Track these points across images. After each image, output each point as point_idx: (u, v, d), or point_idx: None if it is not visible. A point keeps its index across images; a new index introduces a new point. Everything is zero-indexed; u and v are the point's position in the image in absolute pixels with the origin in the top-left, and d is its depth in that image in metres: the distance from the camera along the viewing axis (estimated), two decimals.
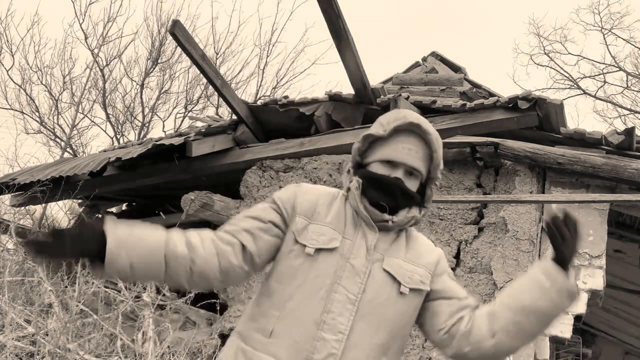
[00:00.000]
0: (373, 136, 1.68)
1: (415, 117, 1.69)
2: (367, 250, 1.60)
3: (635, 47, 14.53)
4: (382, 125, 1.69)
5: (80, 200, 7.10)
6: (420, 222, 1.74)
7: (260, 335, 1.56)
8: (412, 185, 1.67)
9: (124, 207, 7.67)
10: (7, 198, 6.77)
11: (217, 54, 13.95)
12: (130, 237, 1.52)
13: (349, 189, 1.68)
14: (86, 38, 13.39)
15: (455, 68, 6.98)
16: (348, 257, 1.59)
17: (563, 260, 1.55)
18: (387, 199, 1.63)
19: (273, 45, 14.32)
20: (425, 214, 1.73)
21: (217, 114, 13.47)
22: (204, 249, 1.59)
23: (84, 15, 13.59)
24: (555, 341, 4.07)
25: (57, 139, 13.64)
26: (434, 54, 7.36)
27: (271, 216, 1.66)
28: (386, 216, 1.63)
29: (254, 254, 1.63)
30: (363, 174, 1.67)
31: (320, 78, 26.20)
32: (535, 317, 1.56)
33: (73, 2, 13.24)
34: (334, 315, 1.54)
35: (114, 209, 7.67)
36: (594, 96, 14.89)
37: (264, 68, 14.22)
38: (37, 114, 13.54)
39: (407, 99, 4.61)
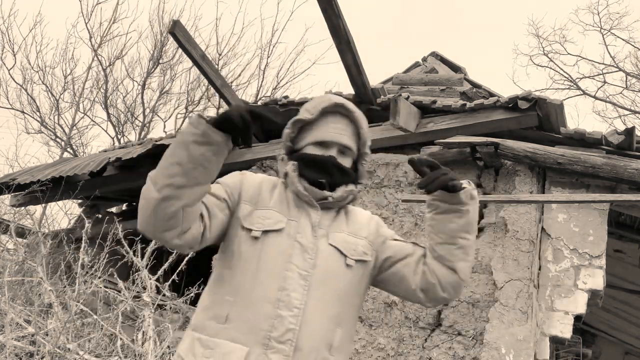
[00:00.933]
0: (302, 121, 1.75)
1: (338, 98, 1.77)
2: (312, 228, 1.67)
3: (635, 47, 14.54)
4: (308, 110, 1.75)
5: (80, 200, 7.10)
6: (357, 199, 1.83)
7: (214, 323, 1.57)
8: (346, 162, 1.75)
9: (124, 207, 7.67)
10: (7, 198, 6.77)
11: (220, 55, 13.96)
12: None
13: (286, 175, 1.73)
14: (90, 37, 13.41)
15: (455, 68, 6.98)
16: (295, 236, 1.64)
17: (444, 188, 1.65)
18: (324, 176, 1.70)
19: (274, 46, 14.33)
20: (360, 190, 1.81)
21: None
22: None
23: (90, 15, 13.62)
24: (555, 341, 4.07)
25: (58, 139, 13.65)
26: (434, 54, 7.36)
27: (225, 195, 1.69)
28: (326, 193, 1.69)
29: (207, 227, 1.62)
30: (298, 157, 1.74)
31: (320, 78, 26.22)
32: (463, 232, 1.68)
33: (80, 1, 13.27)
34: (288, 292, 1.57)
35: (114, 209, 7.67)
36: (594, 96, 14.89)
37: (264, 69, 14.23)
38: (37, 113, 13.56)
39: (407, 99, 4.61)
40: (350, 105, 1.76)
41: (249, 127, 1.52)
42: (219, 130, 1.51)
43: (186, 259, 4.56)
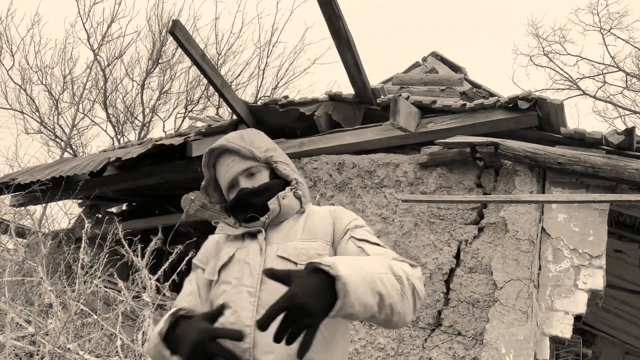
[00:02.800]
0: (206, 185, 1.85)
1: (210, 147, 1.81)
2: (260, 248, 1.68)
3: (635, 47, 14.54)
4: (204, 171, 1.85)
5: (80, 200, 7.10)
6: (306, 195, 1.81)
7: None
8: (261, 180, 1.76)
9: (124, 207, 7.67)
10: (7, 198, 6.77)
11: (219, 54, 13.96)
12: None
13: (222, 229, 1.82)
14: (89, 38, 13.41)
15: (455, 68, 6.98)
16: (245, 259, 1.67)
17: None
18: (247, 211, 1.73)
19: (273, 46, 14.34)
20: (298, 186, 1.78)
21: (217, 114, 13.47)
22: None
23: (87, 15, 13.62)
24: (555, 341, 4.07)
25: (57, 139, 13.66)
26: (434, 54, 7.36)
27: (194, 283, 1.79)
28: (261, 219, 1.71)
29: None
30: (227, 209, 1.81)
31: (320, 77, 26.22)
32: (371, 318, 1.49)
33: (77, 2, 13.28)
34: (238, 313, 1.59)
35: (114, 209, 7.67)
36: (594, 96, 14.90)
37: (264, 68, 14.23)
38: (37, 114, 13.57)
39: (407, 99, 4.61)
40: (216, 143, 1.80)
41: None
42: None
43: (186, 259, 4.56)
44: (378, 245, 1.64)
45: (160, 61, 13.94)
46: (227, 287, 1.65)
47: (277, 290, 1.50)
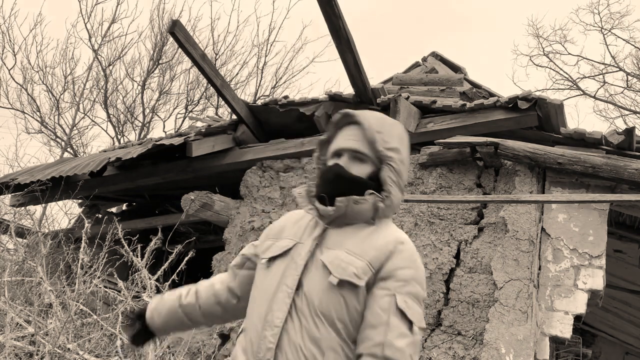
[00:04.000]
0: (324, 140, 1.80)
1: (349, 110, 1.75)
2: (310, 248, 1.64)
3: (635, 47, 14.53)
4: (327, 129, 1.80)
5: (80, 200, 7.10)
6: (386, 210, 1.66)
7: (241, 334, 1.70)
8: (360, 169, 1.66)
9: (124, 207, 7.67)
10: (7, 198, 6.77)
11: (217, 54, 13.96)
12: (158, 304, 1.94)
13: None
14: (90, 38, 13.41)
15: (455, 68, 6.98)
16: (296, 257, 1.63)
17: None
18: (325, 187, 1.66)
19: (271, 45, 14.33)
20: (387, 197, 1.65)
21: (217, 114, 13.47)
22: (206, 292, 1.91)
23: (89, 15, 13.62)
24: (555, 341, 4.06)
25: (58, 139, 13.66)
26: (434, 54, 7.35)
27: (247, 252, 1.87)
28: (328, 208, 1.63)
29: (234, 288, 1.87)
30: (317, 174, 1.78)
31: (320, 76, 26.24)
32: None
33: (79, 2, 13.27)
34: (273, 312, 1.58)
35: (113, 209, 7.67)
36: (594, 96, 14.89)
37: (262, 68, 14.23)
38: (38, 113, 13.56)
39: (407, 99, 4.61)
40: (359, 113, 1.72)
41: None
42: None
43: (186, 259, 4.56)
44: (403, 321, 1.51)
45: (160, 62, 13.94)
46: (273, 281, 1.63)
47: (310, 299, 1.55)
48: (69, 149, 13.48)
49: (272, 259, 1.67)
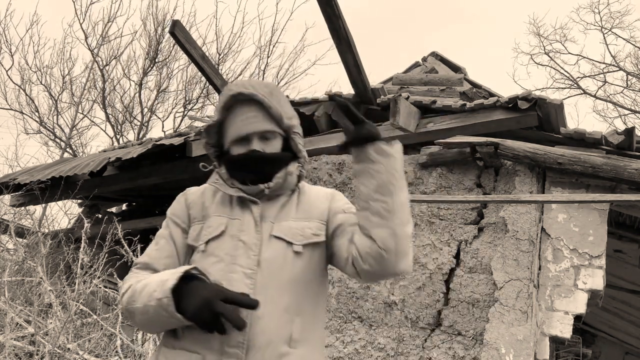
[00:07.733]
0: (213, 126, 1.70)
1: (236, 87, 1.65)
2: (255, 224, 1.61)
3: (636, 46, 14.54)
4: (215, 112, 1.70)
5: (80, 200, 7.10)
6: (304, 175, 1.75)
7: (172, 336, 1.58)
8: (273, 146, 1.66)
9: (124, 207, 7.67)
10: (7, 198, 6.77)
11: (220, 54, 13.95)
12: None
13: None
14: (86, 38, 13.40)
15: (455, 68, 6.98)
16: (239, 235, 1.60)
17: (358, 139, 1.53)
18: (251, 175, 1.64)
19: (274, 46, 14.34)
20: (304, 164, 1.72)
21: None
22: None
23: (85, 15, 13.62)
24: (555, 341, 4.07)
25: (57, 139, 13.66)
26: (434, 54, 7.36)
27: (171, 244, 1.68)
28: (260, 186, 1.63)
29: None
30: (225, 161, 1.69)
31: (321, 78, 26.22)
32: (377, 194, 1.53)
33: (74, 2, 13.27)
34: None
35: (113, 209, 7.67)
36: (594, 96, 14.90)
37: (264, 69, 14.23)
38: (36, 114, 13.56)
39: (407, 99, 4.61)
40: (250, 89, 1.63)
41: (219, 320, 1.45)
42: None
43: None
44: None
45: (156, 60, 13.93)
46: (219, 265, 1.57)
47: (273, 273, 1.56)
48: (68, 149, 13.48)
49: (208, 242, 1.61)
